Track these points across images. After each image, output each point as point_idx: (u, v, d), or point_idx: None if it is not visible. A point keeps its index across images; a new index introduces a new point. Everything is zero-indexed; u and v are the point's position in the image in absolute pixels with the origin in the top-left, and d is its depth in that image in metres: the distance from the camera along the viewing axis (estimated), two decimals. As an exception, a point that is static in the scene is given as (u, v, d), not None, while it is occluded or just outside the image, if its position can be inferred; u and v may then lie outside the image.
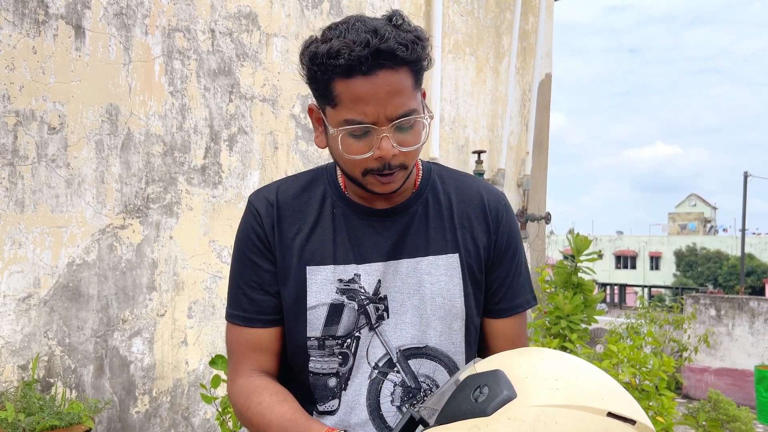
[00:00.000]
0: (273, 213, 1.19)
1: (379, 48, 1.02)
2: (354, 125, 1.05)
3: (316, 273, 1.17)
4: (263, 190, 1.23)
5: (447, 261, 1.20)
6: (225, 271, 3.10)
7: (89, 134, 2.68)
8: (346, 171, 1.13)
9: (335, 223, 1.19)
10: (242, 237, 1.21)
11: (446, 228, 1.22)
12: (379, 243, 1.18)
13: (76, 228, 2.64)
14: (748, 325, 7.83)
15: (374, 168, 1.09)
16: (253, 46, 3.22)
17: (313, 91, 1.11)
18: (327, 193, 1.21)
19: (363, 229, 1.19)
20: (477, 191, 1.26)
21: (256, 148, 3.24)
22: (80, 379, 2.65)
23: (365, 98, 1.04)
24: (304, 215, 1.20)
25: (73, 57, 2.64)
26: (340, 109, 1.06)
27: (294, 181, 1.25)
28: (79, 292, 2.65)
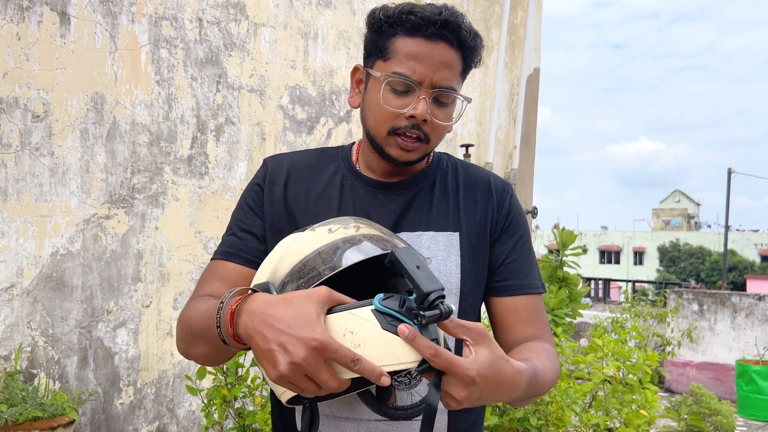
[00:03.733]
0: (282, 172, 1.23)
1: (448, 19, 1.11)
2: (400, 77, 1.11)
3: None
4: (280, 156, 1.29)
5: (447, 238, 1.21)
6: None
7: (74, 123, 2.64)
8: (373, 128, 1.16)
9: (342, 193, 1.22)
10: (247, 188, 1.27)
11: (450, 208, 1.24)
12: (382, 215, 1.20)
13: (61, 218, 2.61)
14: (730, 320, 7.93)
15: (401, 126, 1.13)
16: (241, 35, 3.20)
17: (370, 45, 1.17)
18: (339, 167, 1.25)
19: (368, 200, 1.21)
20: (485, 176, 1.30)
21: (244, 138, 3.22)
22: (64, 370, 2.62)
23: (419, 57, 1.11)
24: (313, 181, 1.23)
25: (58, 44, 2.60)
26: (392, 62, 1.12)
27: (310, 151, 1.31)
28: (63, 282, 2.62)
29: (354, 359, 0.83)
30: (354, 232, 1.01)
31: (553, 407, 2.87)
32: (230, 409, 2.33)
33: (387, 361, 0.85)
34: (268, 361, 0.85)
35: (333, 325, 0.86)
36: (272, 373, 0.85)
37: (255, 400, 2.29)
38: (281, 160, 1.26)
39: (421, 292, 0.86)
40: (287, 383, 0.86)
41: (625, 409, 3.26)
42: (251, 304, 0.90)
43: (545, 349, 1.19)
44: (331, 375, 0.84)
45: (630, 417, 3.22)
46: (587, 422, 3.08)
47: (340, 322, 0.86)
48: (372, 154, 1.22)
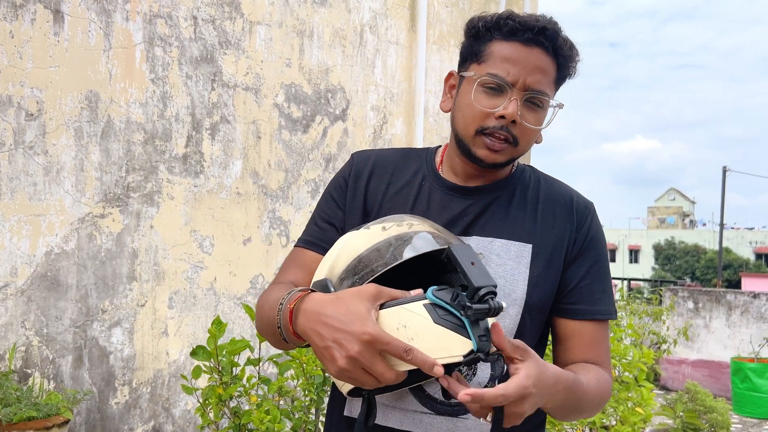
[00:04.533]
0: (367, 167, 1.27)
1: (545, 26, 1.13)
2: (494, 77, 1.13)
3: None
4: (367, 152, 1.33)
5: (519, 248, 1.20)
6: (207, 261, 3.08)
7: (68, 121, 2.63)
8: (462, 127, 1.18)
9: (419, 193, 1.24)
10: (332, 180, 1.31)
11: (526, 219, 1.23)
12: (456, 217, 1.21)
13: (55, 216, 2.60)
14: (725, 317, 7.95)
15: (490, 126, 1.14)
16: (236, 33, 3.19)
17: (466, 50, 1.20)
18: (421, 167, 1.27)
19: (444, 202, 1.22)
20: (568, 193, 1.29)
21: (239, 137, 3.21)
22: (58, 370, 2.61)
23: (513, 60, 1.13)
24: (394, 178, 1.26)
25: (52, 42, 2.59)
26: (486, 64, 1.15)
27: (396, 150, 1.34)
28: (57, 281, 2.61)
29: (406, 350, 0.86)
30: (407, 229, 1.04)
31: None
32: (226, 409, 2.32)
33: (439, 354, 0.88)
34: (327, 358, 0.90)
35: (386, 319, 0.90)
36: (332, 368, 0.91)
37: (250, 399, 2.29)
38: (367, 155, 1.30)
39: (473, 286, 0.89)
40: (347, 377, 0.90)
41: (621, 407, 3.26)
42: (307, 304, 0.96)
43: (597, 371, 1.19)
44: (386, 367, 0.88)
45: (626, 414, 3.23)
46: (583, 420, 3.08)
47: (393, 317, 0.90)
48: (458, 158, 1.22)
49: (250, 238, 3.25)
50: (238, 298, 3.20)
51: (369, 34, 3.81)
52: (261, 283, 3.30)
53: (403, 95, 4.02)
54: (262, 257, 3.30)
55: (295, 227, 3.44)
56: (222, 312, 3.12)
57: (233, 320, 3.16)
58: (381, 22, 3.87)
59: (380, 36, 3.88)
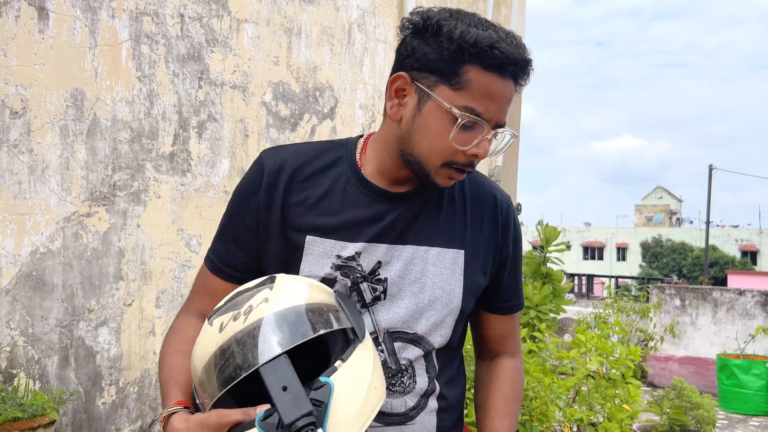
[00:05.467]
0: (281, 176, 1.17)
1: (527, 59, 1.09)
2: (474, 116, 1.06)
3: (315, 244, 1.16)
4: (278, 151, 1.21)
5: (453, 256, 1.20)
6: (194, 260, 3.06)
7: (53, 119, 2.61)
8: (424, 155, 1.11)
9: (344, 198, 1.17)
10: (240, 188, 1.22)
11: (457, 222, 1.22)
12: (388, 225, 1.17)
13: (40, 215, 2.58)
14: (711, 314, 8.01)
15: (459, 162, 1.10)
16: (223, 31, 3.17)
17: (433, 62, 1.08)
18: (342, 168, 1.19)
19: (373, 208, 1.17)
20: (490, 191, 1.28)
21: (226, 135, 3.19)
22: (44, 370, 2.59)
23: (494, 96, 1.07)
24: (314, 185, 1.18)
25: (36, 39, 2.56)
26: (464, 95, 1.06)
27: (311, 148, 1.22)
28: (43, 281, 2.58)
29: None
30: (242, 324, 0.94)
31: (537, 402, 2.88)
32: (214, 408, 2.32)
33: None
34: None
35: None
36: None
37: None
38: (279, 157, 1.19)
39: (284, 421, 0.83)
40: None
41: (608, 404, 3.28)
42: (171, 425, 1.01)
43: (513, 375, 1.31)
44: None
45: (613, 411, 3.25)
46: (571, 417, 3.10)
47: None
48: (393, 163, 1.16)
49: (237, 237, 3.24)
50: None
51: (357, 32, 3.80)
52: (249, 282, 3.29)
53: (392, 93, 4.02)
54: (250, 256, 3.28)
55: (284, 226, 3.43)
56: (210, 311, 3.11)
57: (221, 319, 3.15)
58: (369, 21, 3.87)
59: (368, 34, 3.87)
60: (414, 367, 1.20)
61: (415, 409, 1.21)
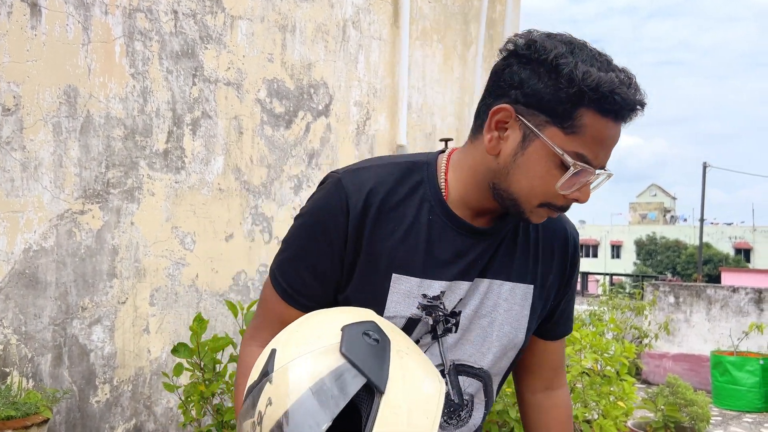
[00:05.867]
0: (368, 208, 1.09)
1: (643, 103, 1.02)
2: (585, 164, 1.01)
3: (401, 282, 1.11)
4: (359, 176, 1.11)
5: (524, 291, 1.18)
6: (188, 258, 3.05)
7: (46, 116, 2.59)
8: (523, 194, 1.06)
9: (430, 232, 1.11)
10: (319, 213, 1.11)
11: (530, 257, 1.19)
12: (471, 262, 1.13)
13: (33, 213, 2.56)
14: (705, 311, 8.04)
15: (557, 204, 1.06)
16: (217, 28, 3.16)
17: (545, 102, 1.00)
18: (426, 197, 1.12)
19: (457, 244, 1.12)
20: (561, 225, 1.25)
21: (221, 132, 3.18)
22: (37, 368, 2.58)
23: (606, 143, 1.02)
24: (399, 215, 1.11)
25: (29, 36, 2.55)
26: (576, 140, 1.00)
27: (391, 172, 1.13)
28: (36, 279, 2.57)
29: None
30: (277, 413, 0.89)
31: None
32: (208, 406, 2.31)
33: None
34: None
35: None
36: None
37: (233, 396, 2.27)
38: (363, 185, 1.10)
39: None
40: None
41: (603, 401, 3.29)
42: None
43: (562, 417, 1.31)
44: None
45: (608, 408, 3.25)
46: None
47: None
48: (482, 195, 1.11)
49: (232, 235, 3.23)
50: (220, 294, 3.18)
51: (352, 29, 3.79)
52: (243, 280, 3.28)
53: (386, 91, 4.01)
54: (244, 254, 3.28)
55: (278, 223, 3.42)
56: (204, 309, 3.10)
57: (215, 317, 3.14)
58: (364, 18, 3.86)
59: (363, 31, 3.86)
60: (473, 401, 1.19)
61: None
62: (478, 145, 1.09)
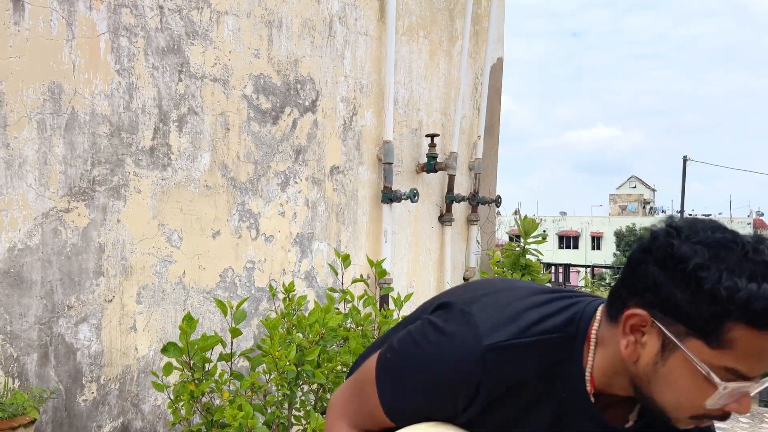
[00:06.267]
0: (496, 399, 1.02)
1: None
2: (738, 379, 0.89)
3: None
4: (503, 360, 1.00)
5: None
6: (175, 255, 3.04)
7: (30, 113, 2.56)
8: (674, 407, 0.96)
9: (562, 422, 1.04)
10: (450, 381, 1.03)
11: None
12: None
13: (17, 211, 2.53)
14: (685, 303, 8.15)
15: (710, 415, 0.94)
16: (203, 23, 3.13)
17: (677, 310, 0.90)
18: (567, 400, 1.03)
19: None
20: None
21: (207, 129, 3.16)
22: (23, 368, 2.56)
23: (762, 355, 0.89)
24: (526, 410, 1.04)
25: (12, 32, 2.51)
26: (726, 354, 0.88)
27: (535, 359, 1.02)
28: (21, 278, 2.54)
29: None
30: None
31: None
32: (198, 405, 2.31)
33: None
34: None
35: None
36: None
37: (223, 395, 2.27)
38: (501, 372, 1.00)
39: None
40: None
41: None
42: None
43: None
44: None
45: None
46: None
47: None
48: (626, 388, 1.02)
49: (219, 232, 3.21)
50: (207, 292, 3.17)
51: (338, 24, 3.78)
52: (231, 277, 3.27)
53: (373, 86, 4.01)
54: (231, 250, 3.26)
55: (265, 220, 3.41)
56: (191, 306, 3.08)
57: (203, 314, 3.13)
58: (350, 13, 3.85)
59: (349, 27, 3.85)
60: None
61: None
62: (616, 333, 0.99)
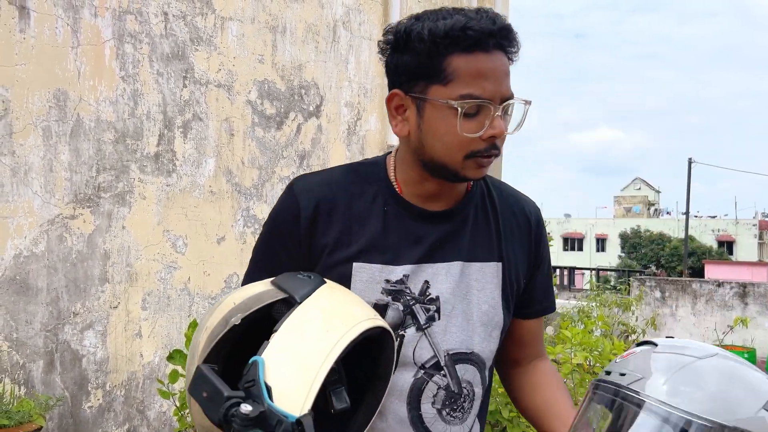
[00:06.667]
0: (318, 210, 1.14)
1: (504, 26, 1.06)
2: (473, 99, 1.04)
3: (362, 271, 1.14)
4: (310, 180, 1.18)
5: (493, 269, 1.20)
6: (180, 261, 3.04)
7: (36, 120, 2.56)
8: (445, 155, 1.09)
9: (386, 221, 1.15)
10: (274, 222, 1.19)
11: (492, 235, 1.21)
12: (431, 245, 1.15)
13: (23, 218, 2.54)
14: (691, 306, 8.14)
15: (481, 149, 1.08)
16: (207, 29, 3.13)
17: (416, 69, 1.07)
18: (379, 191, 1.17)
19: (415, 230, 1.16)
20: (517, 201, 1.28)
21: (212, 134, 3.16)
22: (29, 375, 2.56)
23: (486, 74, 1.04)
24: (353, 212, 1.15)
25: (18, 39, 2.51)
26: (455, 85, 1.05)
27: (343, 174, 1.20)
28: (27, 285, 2.55)
29: None
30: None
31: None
32: (203, 412, 2.30)
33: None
34: None
35: None
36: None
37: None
38: (312, 189, 1.16)
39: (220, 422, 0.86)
40: None
41: (593, 399, 3.31)
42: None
43: (557, 377, 1.31)
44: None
45: (599, 407, 3.28)
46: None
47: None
48: (417, 175, 1.15)
49: (224, 237, 3.21)
50: (212, 298, 3.17)
51: (342, 29, 3.78)
52: (236, 282, 3.27)
53: (377, 91, 4.01)
54: (236, 256, 3.27)
55: (270, 225, 3.41)
56: (197, 312, 3.08)
57: (208, 320, 3.13)
58: (354, 18, 3.85)
59: (353, 31, 3.85)
60: (473, 390, 1.20)
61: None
62: (400, 139, 1.17)
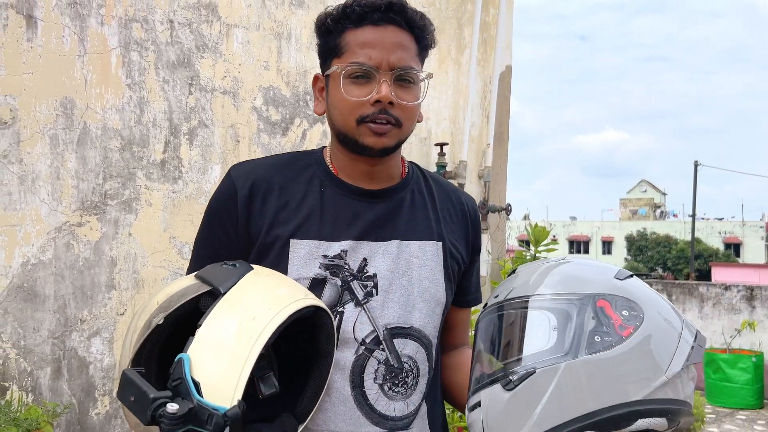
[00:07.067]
0: (253, 190, 1.19)
1: (391, 2, 1.14)
2: (357, 66, 1.12)
3: (300, 246, 1.17)
4: (246, 165, 1.24)
5: (433, 248, 1.24)
6: (186, 268, 3.04)
7: (43, 129, 2.58)
8: (341, 123, 1.16)
9: (323, 200, 1.20)
10: (212, 207, 1.24)
11: (431, 217, 1.26)
12: (369, 222, 1.20)
13: (31, 226, 2.55)
14: (698, 309, 8.10)
15: (369, 114, 1.13)
16: (213, 37, 3.15)
17: (323, 50, 1.19)
18: (315, 173, 1.22)
19: (352, 207, 1.20)
20: (453, 190, 1.35)
21: (218, 141, 3.17)
22: (37, 382, 2.57)
23: (371, 43, 1.13)
24: (289, 193, 1.20)
25: (25, 48, 2.53)
26: (346, 56, 1.14)
27: (279, 159, 1.26)
28: (34, 292, 2.56)
29: None
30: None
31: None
32: (210, 419, 2.31)
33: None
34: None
35: None
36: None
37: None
38: (249, 171, 1.21)
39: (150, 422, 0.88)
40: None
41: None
42: None
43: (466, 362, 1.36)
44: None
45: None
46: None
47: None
48: (346, 156, 1.20)
49: (230, 244, 3.22)
50: (218, 304, 3.17)
51: (347, 35, 3.79)
52: (242, 288, 3.28)
53: (382, 96, 4.01)
54: (242, 262, 3.27)
55: (276, 231, 3.42)
56: (203, 318, 3.09)
57: (214, 326, 3.14)
58: (359, 24, 3.86)
59: (358, 37, 3.86)
60: (418, 367, 1.21)
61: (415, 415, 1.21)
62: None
